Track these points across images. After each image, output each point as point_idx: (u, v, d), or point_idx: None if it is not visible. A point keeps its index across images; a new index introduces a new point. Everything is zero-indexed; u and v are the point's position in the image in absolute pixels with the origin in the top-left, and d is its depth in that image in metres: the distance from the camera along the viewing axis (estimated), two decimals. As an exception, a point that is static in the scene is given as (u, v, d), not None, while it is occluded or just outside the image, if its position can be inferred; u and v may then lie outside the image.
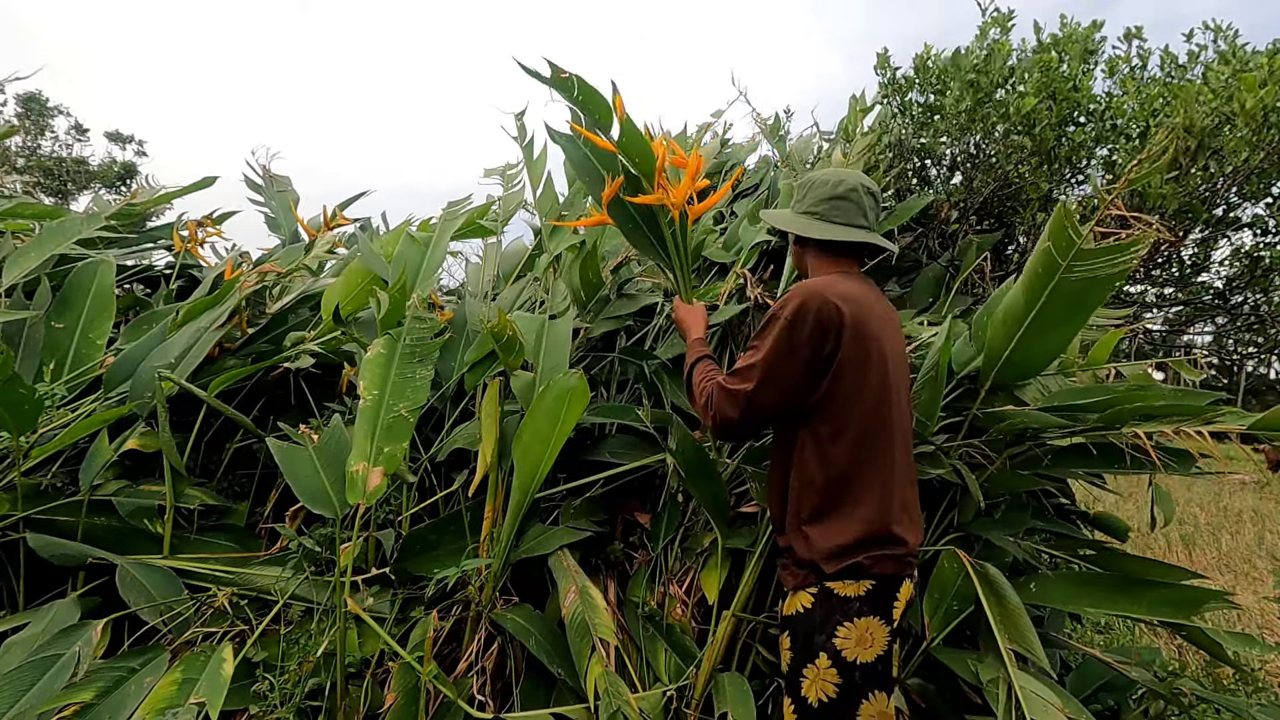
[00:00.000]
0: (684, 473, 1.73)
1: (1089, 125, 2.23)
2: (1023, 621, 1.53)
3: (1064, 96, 2.14)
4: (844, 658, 1.23)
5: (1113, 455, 1.65)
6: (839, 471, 1.28)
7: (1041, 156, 2.23)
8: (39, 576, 1.72)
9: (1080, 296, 1.40)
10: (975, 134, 2.34)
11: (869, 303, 1.33)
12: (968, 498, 1.73)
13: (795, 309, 1.26)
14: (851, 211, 1.41)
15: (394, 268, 2.17)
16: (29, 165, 14.62)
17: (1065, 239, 1.32)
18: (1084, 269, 1.33)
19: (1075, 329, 1.51)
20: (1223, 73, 1.94)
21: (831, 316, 1.25)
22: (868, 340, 1.28)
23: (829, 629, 1.24)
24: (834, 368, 1.26)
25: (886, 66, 2.51)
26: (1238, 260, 2.31)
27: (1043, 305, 1.44)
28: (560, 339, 1.98)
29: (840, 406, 1.27)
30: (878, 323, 1.32)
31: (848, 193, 1.41)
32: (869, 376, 1.28)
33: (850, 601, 1.24)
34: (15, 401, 1.50)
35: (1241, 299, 2.38)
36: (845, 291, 1.29)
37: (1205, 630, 1.68)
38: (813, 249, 1.47)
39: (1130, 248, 1.27)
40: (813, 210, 1.44)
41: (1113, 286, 1.37)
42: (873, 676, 1.24)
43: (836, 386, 1.27)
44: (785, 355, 1.27)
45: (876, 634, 1.24)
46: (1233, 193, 2.13)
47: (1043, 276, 1.41)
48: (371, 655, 1.60)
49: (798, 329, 1.26)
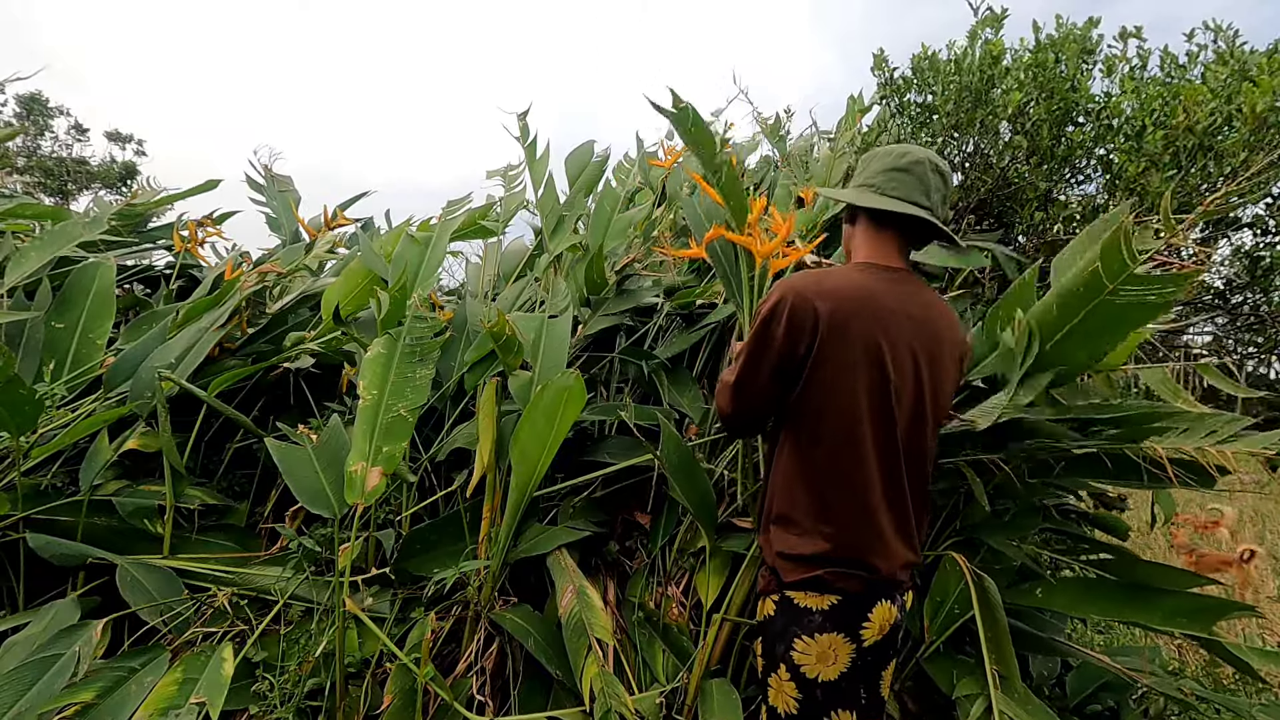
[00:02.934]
0: (669, 473, 1.69)
1: (1087, 125, 2.22)
2: (1007, 643, 1.50)
3: (1061, 96, 2.14)
4: (803, 674, 1.18)
5: (1126, 467, 1.59)
6: (810, 480, 1.21)
7: (1039, 156, 2.23)
8: (39, 576, 1.73)
9: (1119, 319, 1.33)
10: (973, 134, 2.34)
11: (872, 301, 1.19)
12: (974, 501, 1.72)
13: (772, 306, 1.20)
14: (910, 185, 1.24)
15: (394, 268, 2.18)
16: (29, 165, 14.63)
17: (1118, 261, 1.24)
18: (1131, 293, 1.27)
19: (1105, 349, 1.44)
20: (1221, 73, 1.94)
21: (805, 316, 1.16)
22: (853, 344, 1.16)
23: (788, 640, 1.19)
24: (808, 371, 1.18)
25: (884, 67, 2.51)
26: (1238, 260, 2.31)
27: (1079, 322, 1.37)
28: (559, 339, 1.98)
29: (814, 411, 1.20)
30: (885, 323, 1.19)
31: (911, 165, 1.25)
32: (852, 383, 1.17)
33: (810, 614, 1.18)
34: (15, 401, 1.50)
35: (1241, 299, 2.38)
36: (835, 287, 1.18)
37: (1227, 644, 1.61)
38: (861, 224, 1.32)
39: (1185, 279, 1.21)
40: (869, 182, 1.28)
41: (1156, 314, 1.31)
42: (836, 695, 1.18)
43: (809, 391, 1.19)
44: (759, 352, 1.22)
45: (840, 651, 1.18)
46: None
47: (1084, 294, 1.33)
48: (371, 655, 1.60)
49: (773, 326, 1.19)
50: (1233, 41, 2.06)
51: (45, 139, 17.41)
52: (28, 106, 16.88)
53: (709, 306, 2.35)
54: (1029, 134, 2.21)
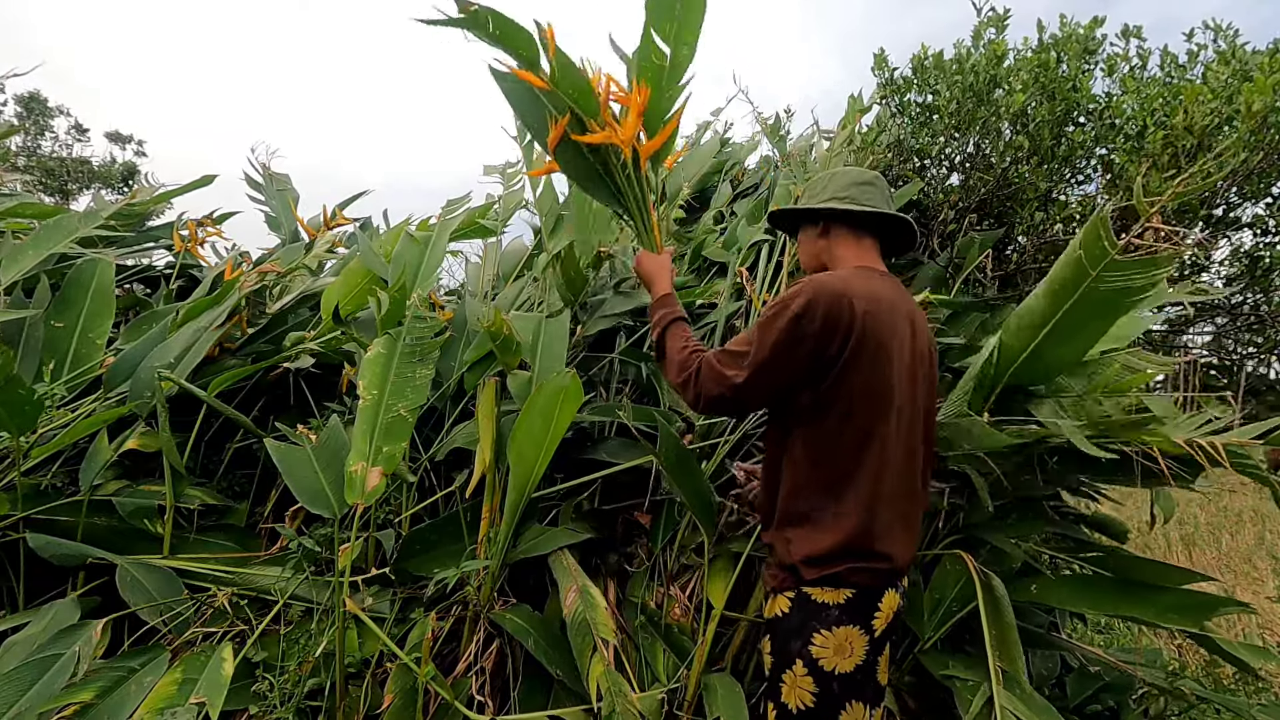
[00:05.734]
0: (666, 471, 1.68)
1: (1088, 125, 2.23)
2: (1014, 640, 1.51)
3: (1063, 96, 2.14)
4: (821, 667, 1.19)
5: (1120, 463, 1.58)
6: (830, 476, 1.22)
7: (1040, 156, 2.23)
8: (39, 576, 1.73)
9: (1106, 306, 1.36)
10: (974, 133, 2.34)
11: (889, 302, 1.26)
12: (976, 500, 1.72)
13: (805, 303, 1.19)
14: (879, 197, 1.38)
15: (393, 267, 2.18)
16: (30, 165, 14.63)
17: (1098, 248, 1.28)
18: (1114, 280, 1.29)
19: (1096, 337, 1.47)
20: (1222, 73, 1.94)
21: (843, 315, 1.18)
22: (881, 344, 1.21)
23: (805, 635, 1.20)
24: (838, 370, 1.19)
25: (884, 67, 2.51)
26: (1238, 260, 2.31)
27: (1066, 312, 1.40)
28: (556, 338, 1.98)
29: (840, 410, 1.21)
30: (897, 324, 1.25)
31: (873, 179, 1.39)
32: (876, 382, 1.21)
33: (828, 609, 1.20)
34: (15, 401, 1.50)
35: (1241, 299, 2.38)
36: (863, 289, 1.23)
37: (1218, 640, 1.63)
38: (841, 236, 1.40)
39: (1165, 261, 1.23)
40: (840, 195, 1.38)
41: (1141, 299, 1.33)
42: (852, 686, 1.20)
43: (839, 390, 1.20)
44: (786, 350, 1.20)
45: (856, 643, 1.20)
46: (1232, 192, 2.13)
47: (1069, 284, 1.36)
48: (371, 655, 1.60)
49: (804, 324, 1.18)
50: (1233, 41, 2.06)
51: (45, 139, 17.41)
52: (27, 106, 16.87)
53: (709, 306, 2.35)
54: (1030, 134, 2.22)
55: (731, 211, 2.94)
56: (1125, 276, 1.28)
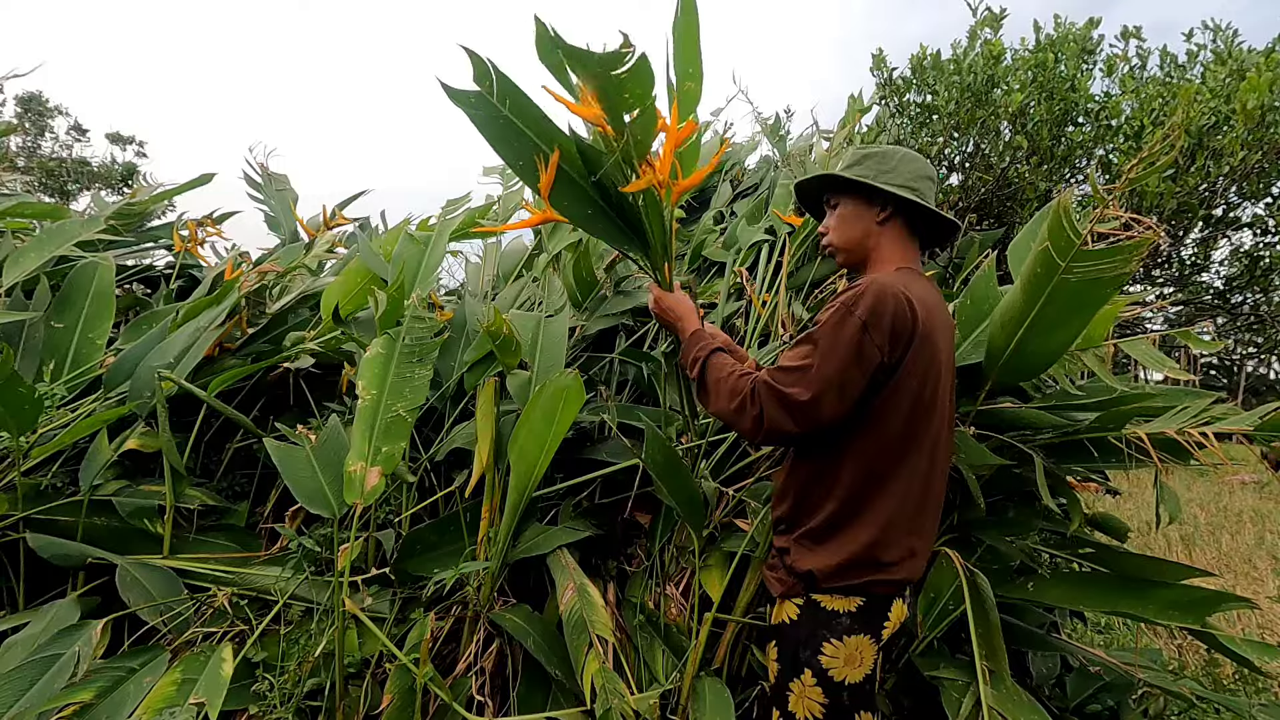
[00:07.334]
0: (653, 473, 1.62)
1: (1086, 125, 2.23)
2: (998, 639, 1.50)
3: (1061, 96, 2.14)
4: (831, 677, 1.16)
5: (1111, 453, 1.61)
6: (864, 487, 1.17)
7: (1040, 156, 2.24)
8: (39, 576, 1.73)
9: (1081, 297, 1.35)
10: (973, 134, 2.34)
11: (937, 308, 1.22)
12: (970, 498, 1.72)
13: (871, 307, 1.10)
14: (932, 197, 1.28)
15: (393, 267, 2.18)
16: (30, 165, 14.64)
17: (1064, 239, 1.27)
18: (1084, 270, 1.28)
19: (1077, 330, 1.46)
20: (1220, 73, 1.94)
21: (906, 321, 1.11)
22: (931, 352, 1.16)
23: (815, 645, 1.17)
24: (895, 379, 1.13)
25: (883, 67, 2.51)
26: (1238, 260, 2.31)
27: (1042, 306, 1.39)
28: (556, 338, 1.98)
29: (890, 420, 1.15)
30: (943, 331, 1.21)
31: (934, 175, 1.29)
32: (923, 391, 1.16)
33: (838, 617, 1.17)
34: (15, 401, 1.50)
35: (1241, 299, 2.38)
36: (919, 293, 1.16)
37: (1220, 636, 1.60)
38: (898, 229, 1.29)
39: (1133, 250, 1.22)
40: (910, 185, 1.25)
41: (1115, 289, 1.33)
42: (861, 697, 1.18)
43: (892, 400, 1.13)
44: (854, 360, 1.10)
45: (865, 653, 1.17)
46: (1232, 192, 2.13)
47: (1041, 277, 1.36)
48: (371, 655, 1.61)
49: (873, 331, 1.09)
50: (1231, 41, 2.06)
51: (45, 139, 17.42)
52: (26, 106, 16.88)
53: (709, 306, 2.35)
54: (1029, 134, 2.22)
55: (731, 211, 2.94)
56: (1094, 266, 1.26)
